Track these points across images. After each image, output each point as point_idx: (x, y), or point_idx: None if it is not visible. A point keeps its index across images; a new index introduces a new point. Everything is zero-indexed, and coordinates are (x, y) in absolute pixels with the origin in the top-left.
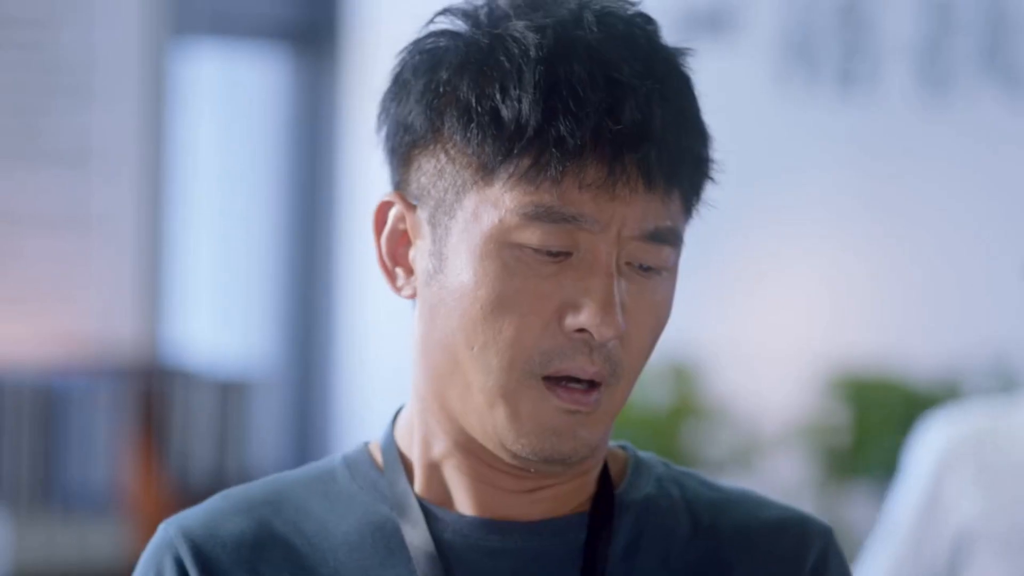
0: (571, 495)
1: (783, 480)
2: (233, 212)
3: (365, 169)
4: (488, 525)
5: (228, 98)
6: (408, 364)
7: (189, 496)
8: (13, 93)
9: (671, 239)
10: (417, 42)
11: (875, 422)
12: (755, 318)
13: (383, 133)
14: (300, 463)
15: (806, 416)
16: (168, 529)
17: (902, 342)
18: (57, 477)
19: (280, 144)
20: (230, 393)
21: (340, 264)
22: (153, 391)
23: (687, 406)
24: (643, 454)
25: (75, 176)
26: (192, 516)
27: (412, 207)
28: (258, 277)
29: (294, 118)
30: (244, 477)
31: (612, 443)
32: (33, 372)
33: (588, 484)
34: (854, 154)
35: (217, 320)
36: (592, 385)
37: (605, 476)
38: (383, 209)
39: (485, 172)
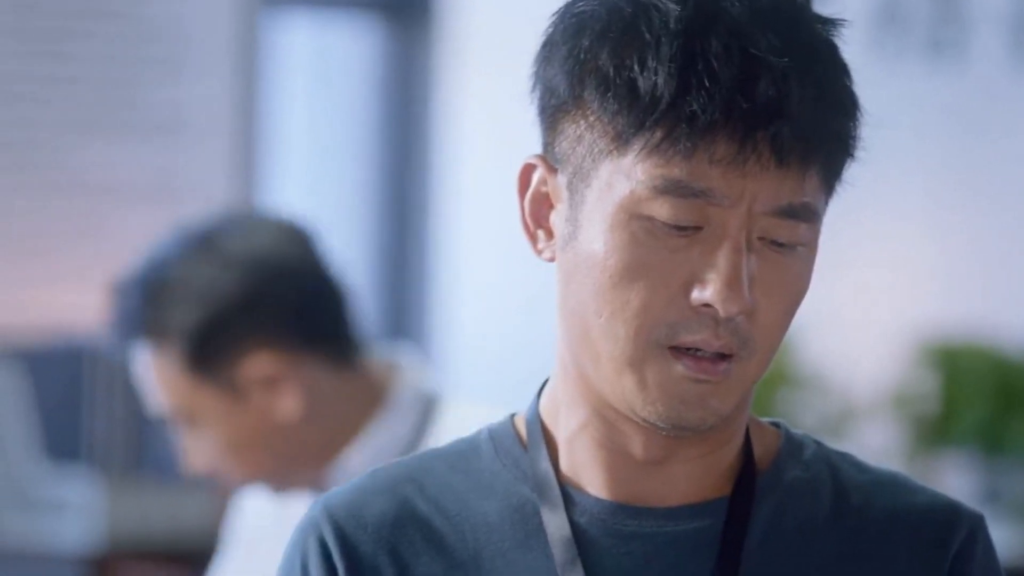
0: (710, 477)
1: (874, 448)
2: (324, 182)
3: (458, 139)
4: (624, 510)
5: (320, 68)
6: (501, 337)
7: None
8: (104, 65)
9: (805, 215)
10: (569, 5)
11: (966, 391)
12: (848, 287)
13: (534, 95)
14: None
15: (897, 385)
16: (315, 508)
17: (994, 310)
18: (149, 445)
19: (372, 114)
20: None
21: (433, 233)
22: None
23: (780, 375)
24: (796, 433)
25: (167, 147)
26: (339, 495)
27: (554, 170)
28: (349, 246)
29: (386, 88)
30: None
31: (766, 420)
32: None
33: (728, 464)
34: (945, 122)
35: None
36: (721, 356)
37: (748, 457)
38: (527, 171)
39: (620, 142)
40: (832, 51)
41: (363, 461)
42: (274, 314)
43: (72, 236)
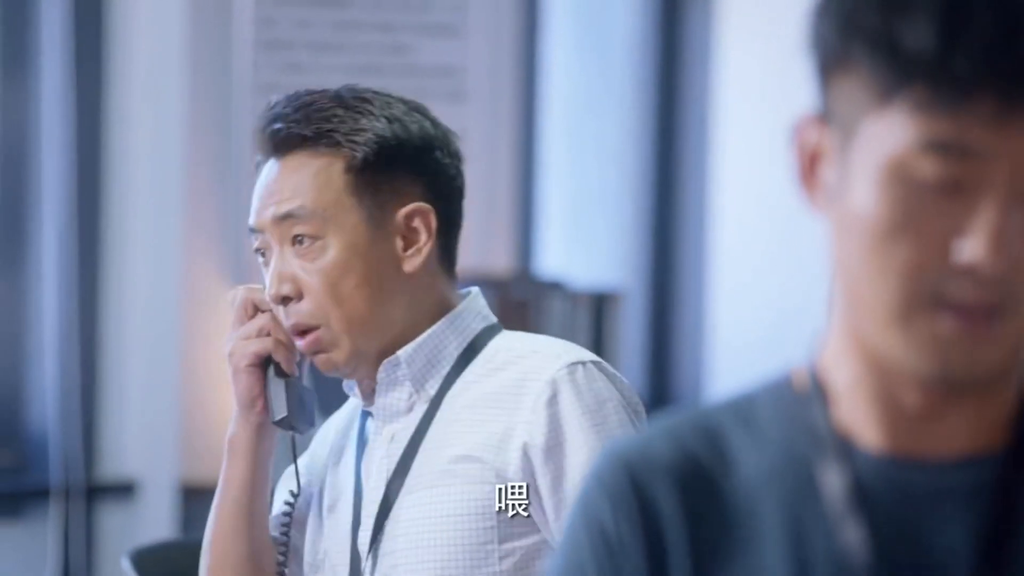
0: (986, 429)
1: None
2: (595, 136)
3: (723, 96)
4: (898, 462)
5: (589, 20)
6: (749, 281)
7: None
8: (383, 32)
9: None
10: None
11: None
12: None
13: (809, 52)
14: (656, 375)
15: None
16: (605, 456)
17: None
18: None
19: (639, 67)
20: (603, 304)
21: (699, 197)
22: (528, 300)
23: None
24: None
25: (451, 106)
26: (627, 443)
27: (826, 125)
28: (616, 201)
29: (654, 40)
30: None
31: None
32: None
33: (1005, 416)
34: None
35: (580, 239)
36: (988, 311)
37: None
38: (803, 125)
39: (884, 98)
40: None
41: (413, 362)
42: (439, 173)
43: None
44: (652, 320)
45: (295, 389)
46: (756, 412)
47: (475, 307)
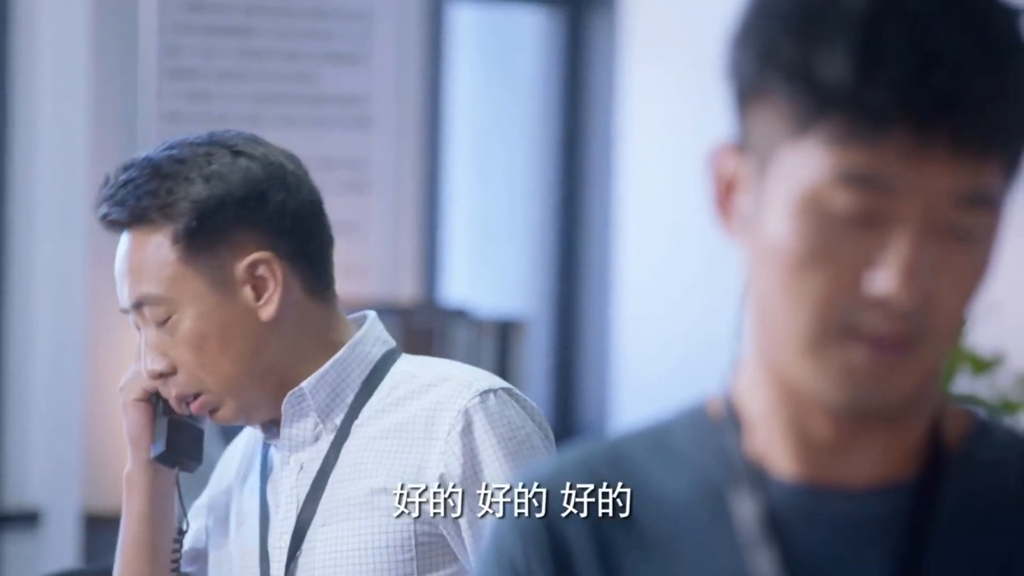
0: (898, 458)
1: None
2: (498, 172)
3: (628, 123)
4: (812, 492)
5: (494, 48)
6: (656, 311)
7: None
8: (288, 60)
9: (985, 204)
10: None
11: None
12: None
13: (726, 80)
14: (562, 403)
15: None
16: (517, 482)
17: None
18: None
19: (544, 95)
20: (508, 331)
21: (605, 223)
22: (433, 328)
23: (959, 355)
24: (989, 419)
25: (356, 133)
26: (538, 471)
27: (743, 153)
28: (521, 228)
29: (559, 68)
30: None
31: (958, 406)
32: None
33: (917, 445)
34: None
35: (485, 267)
36: (900, 342)
37: (937, 439)
38: (720, 154)
39: (800, 129)
40: (1016, 41)
41: (317, 393)
42: (274, 215)
43: None
44: (557, 348)
45: (182, 425)
46: (671, 439)
47: (374, 333)
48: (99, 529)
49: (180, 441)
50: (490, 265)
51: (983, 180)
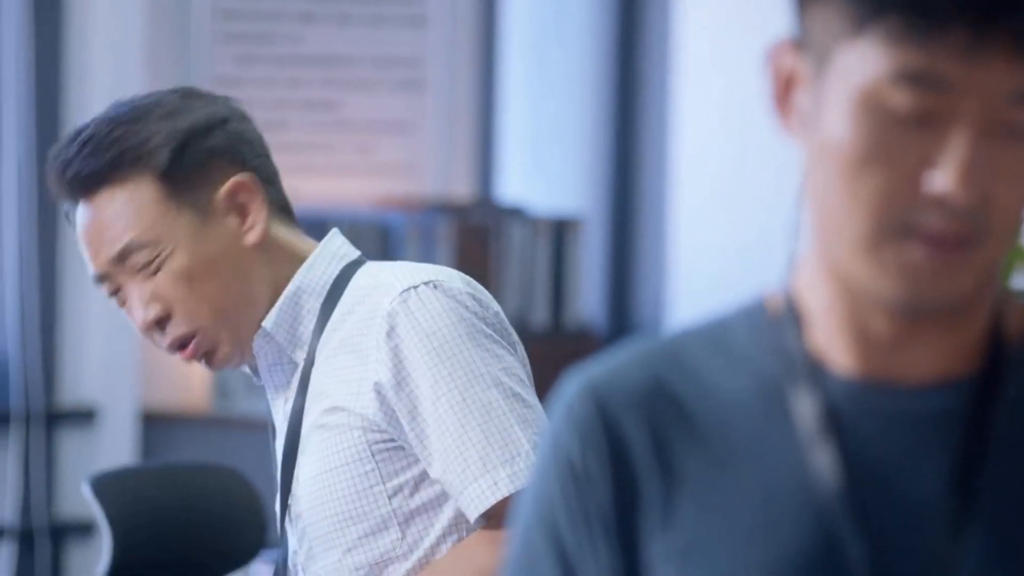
0: (957, 353)
1: None
2: (556, 61)
3: (686, 21)
4: (870, 388)
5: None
6: (713, 208)
7: (525, 335)
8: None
9: None
10: None
11: None
12: None
13: None
14: (617, 301)
15: None
16: (573, 384)
17: None
18: None
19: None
20: (564, 229)
21: (651, 113)
22: (488, 226)
23: (1020, 252)
24: None
25: (410, 31)
26: (596, 370)
27: (802, 51)
28: (577, 126)
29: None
30: (576, 315)
31: (1019, 303)
32: (369, 210)
33: (976, 343)
34: None
35: (541, 164)
36: (958, 239)
37: (997, 333)
38: (778, 50)
39: (858, 27)
40: None
41: (279, 329)
42: (242, 140)
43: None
44: (613, 246)
45: None
46: (729, 337)
47: (329, 250)
48: (155, 427)
49: None
50: (545, 163)
51: None
